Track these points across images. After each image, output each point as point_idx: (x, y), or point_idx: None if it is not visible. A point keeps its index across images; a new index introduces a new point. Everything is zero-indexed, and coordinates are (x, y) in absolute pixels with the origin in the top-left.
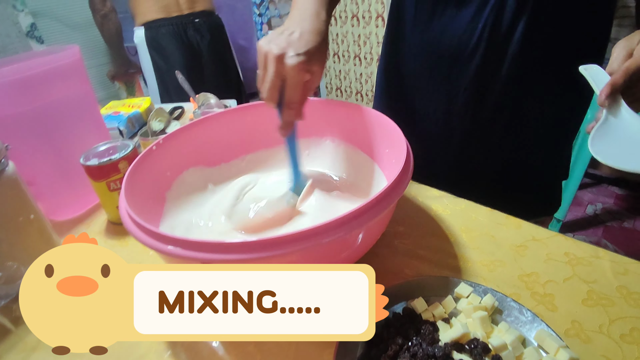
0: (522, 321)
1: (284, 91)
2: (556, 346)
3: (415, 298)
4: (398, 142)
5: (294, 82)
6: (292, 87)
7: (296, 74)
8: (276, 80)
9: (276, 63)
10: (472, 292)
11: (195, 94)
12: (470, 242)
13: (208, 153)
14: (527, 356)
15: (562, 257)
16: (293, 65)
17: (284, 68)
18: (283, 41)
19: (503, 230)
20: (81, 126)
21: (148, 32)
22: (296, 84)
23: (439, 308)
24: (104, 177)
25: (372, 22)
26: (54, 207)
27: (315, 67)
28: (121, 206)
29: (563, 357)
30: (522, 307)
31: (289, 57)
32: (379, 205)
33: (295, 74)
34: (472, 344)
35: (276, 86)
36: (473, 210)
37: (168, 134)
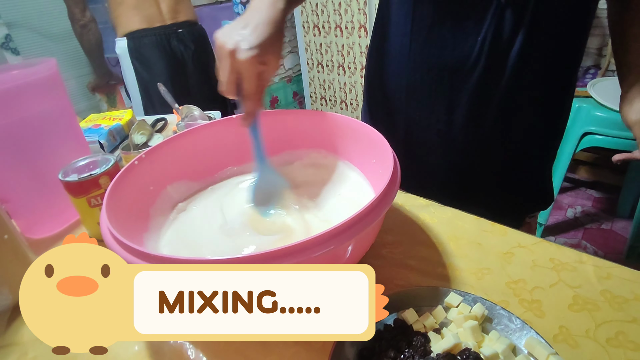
0: (512, 329)
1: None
2: (546, 353)
3: (405, 309)
4: (384, 152)
5: (248, 75)
6: (247, 80)
7: (249, 67)
8: (231, 75)
9: (230, 58)
10: (462, 302)
11: (178, 105)
12: (458, 250)
13: (193, 166)
14: None
15: (548, 262)
16: (245, 59)
17: (238, 62)
18: (236, 35)
19: (489, 237)
20: (59, 141)
21: (131, 43)
22: (250, 76)
23: (430, 318)
24: (84, 193)
25: (355, 33)
26: (30, 225)
27: (269, 58)
28: (102, 223)
29: None
30: (511, 315)
31: (241, 51)
32: (370, 216)
33: (249, 67)
34: (464, 354)
35: (232, 80)
36: (459, 218)
37: (151, 148)
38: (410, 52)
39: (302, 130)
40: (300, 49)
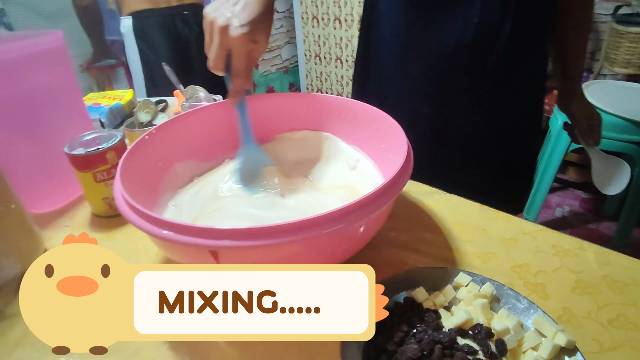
0: (519, 308)
1: (230, 60)
2: (554, 330)
3: (415, 288)
4: (396, 136)
5: (239, 52)
6: (238, 57)
7: (240, 44)
8: (221, 50)
9: (220, 34)
10: (471, 281)
11: (183, 86)
12: (463, 235)
13: (202, 145)
14: (528, 339)
15: (550, 249)
16: (237, 36)
17: (229, 39)
18: (227, 11)
19: (493, 224)
20: (63, 115)
21: (136, 22)
22: (241, 53)
23: (440, 297)
24: (90, 168)
25: (354, 26)
26: (34, 199)
27: (259, 37)
28: (116, 191)
29: (561, 340)
30: (518, 295)
31: (233, 28)
32: (385, 196)
33: (240, 45)
34: (475, 329)
35: (221, 56)
36: (464, 205)
37: (162, 123)
38: (406, 43)
39: (308, 112)
40: (298, 40)
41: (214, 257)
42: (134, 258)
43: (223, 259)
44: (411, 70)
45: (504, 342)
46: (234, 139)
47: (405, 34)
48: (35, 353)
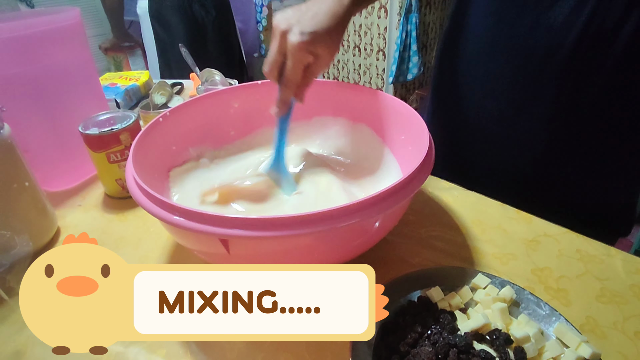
0: (540, 315)
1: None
2: (578, 340)
3: (431, 287)
4: (417, 130)
5: (293, 60)
6: (291, 66)
7: (296, 52)
8: (278, 56)
9: (280, 38)
10: (489, 284)
11: (199, 69)
12: (482, 234)
13: (216, 129)
14: (549, 349)
15: (574, 253)
16: (295, 43)
17: (286, 44)
18: (294, 17)
19: (514, 224)
20: (80, 94)
21: (152, 3)
22: (296, 63)
23: (456, 298)
24: (104, 148)
25: (375, 13)
26: (47, 177)
27: (321, 51)
28: (128, 173)
29: (585, 352)
30: (539, 301)
31: (292, 33)
32: (403, 191)
33: (295, 52)
34: (493, 334)
35: (277, 62)
36: (484, 203)
37: (177, 106)
38: (493, 33)
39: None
40: None
41: (225, 246)
42: (144, 240)
43: (234, 248)
44: (492, 67)
45: (524, 350)
46: (249, 126)
47: (493, 22)
48: None
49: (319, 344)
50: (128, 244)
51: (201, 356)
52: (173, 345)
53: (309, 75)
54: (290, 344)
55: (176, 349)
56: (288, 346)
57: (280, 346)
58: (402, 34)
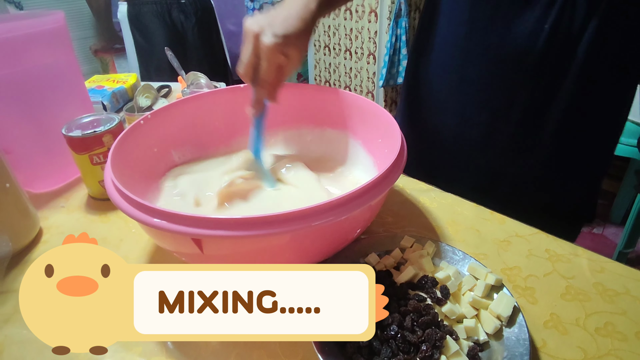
0: (456, 259)
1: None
2: (485, 272)
3: (367, 255)
4: (391, 132)
5: (268, 61)
6: (265, 67)
7: (270, 53)
8: (252, 58)
9: (253, 40)
10: (414, 242)
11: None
12: (456, 234)
13: (198, 133)
14: (465, 283)
15: (543, 253)
16: (268, 45)
17: (260, 46)
18: (265, 21)
19: (488, 225)
20: (63, 96)
21: (131, 9)
22: (270, 63)
23: (390, 259)
24: (86, 150)
25: (365, 17)
26: (31, 179)
27: (292, 52)
28: (106, 176)
29: (491, 279)
30: (454, 249)
31: (265, 36)
32: (373, 191)
33: (269, 54)
34: (422, 280)
35: (251, 63)
36: (459, 204)
37: (158, 109)
38: (466, 42)
39: (312, 105)
40: None
41: (198, 246)
42: (125, 241)
43: (207, 249)
44: (467, 74)
45: (447, 287)
46: (232, 128)
47: (466, 31)
48: (24, 330)
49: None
50: (109, 245)
51: (176, 354)
52: (148, 343)
53: (282, 76)
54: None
55: (151, 347)
56: (261, 343)
57: (254, 344)
58: (392, 38)
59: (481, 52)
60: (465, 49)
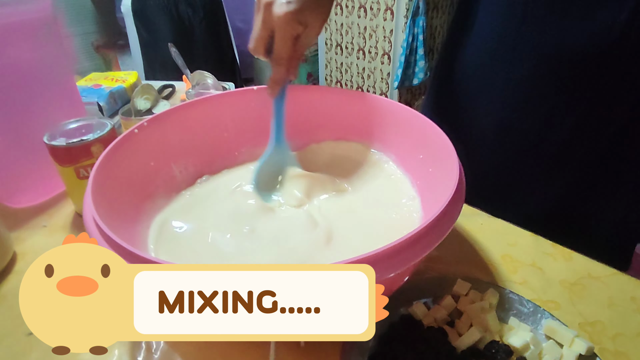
0: (525, 313)
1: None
2: (570, 337)
3: (412, 302)
4: (440, 148)
5: (282, 33)
6: (280, 39)
7: (284, 24)
8: (263, 31)
9: (264, 11)
10: (471, 288)
11: (189, 71)
12: (514, 274)
13: (204, 143)
14: (548, 352)
15: (629, 302)
16: (280, 14)
17: (272, 16)
18: None
19: (551, 262)
20: (50, 96)
21: (136, 2)
22: (284, 35)
23: (440, 311)
24: (72, 162)
25: (380, 15)
26: (10, 192)
27: (310, 19)
28: (86, 211)
29: (580, 347)
30: (521, 298)
31: (277, 4)
32: (436, 231)
33: (283, 24)
34: (492, 348)
35: (263, 37)
36: (513, 233)
37: (156, 115)
38: (516, 38)
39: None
40: None
41: None
42: None
43: None
44: (513, 74)
45: (525, 359)
46: (243, 137)
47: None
48: None
49: None
50: None
51: None
52: None
53: (300, 48)
54: None
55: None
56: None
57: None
58: (409, 37)
59: (534, 50)
60: (513, 47)
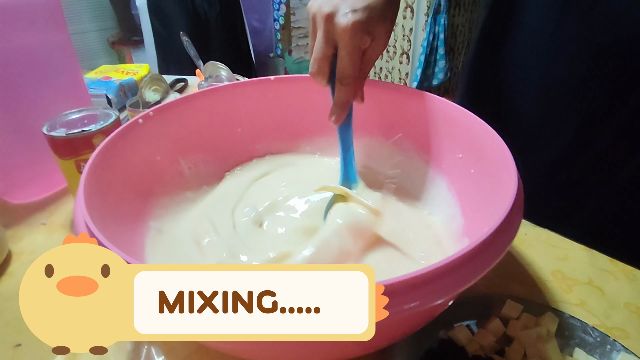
0: (592, 344)
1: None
2: None
3: (453, 325)
4: (490, 151)
5: (348, 48)
6: (346, 56)
7: (351, 37)
8: (326, 48)
9: (325, 24)
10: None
11: (202, 62)
12: (569, 294)
13: (217, 136)
14: None
15: None
16: (346, 25)
17: (335, 29)
18: None
19: (611, 280)
20: (53, 87)
21: None
22: (351, 51)
23: (487, 337)
24: (72, 154)
25: (400, 12)
26: (9, 187)
27: (377, 29)
28: (77, 214)
29: None
30: (585, 325)
31: (341, 14)
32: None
33: (350, 37)
34: None
35: (326, 55)
36: (562, 246)
37: (163, 104)
38: (557, 29)
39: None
40: None
41: None
42: None
43: None
44: (554, 71)
45: None
46: (261, 131)
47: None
48: None
49: None
50: None
51: None
52: None
53: (366, 65)
54: None
55: None
56: None
57: None
58: (429, 36)
59: (577, 43)
60: (554, 39)
